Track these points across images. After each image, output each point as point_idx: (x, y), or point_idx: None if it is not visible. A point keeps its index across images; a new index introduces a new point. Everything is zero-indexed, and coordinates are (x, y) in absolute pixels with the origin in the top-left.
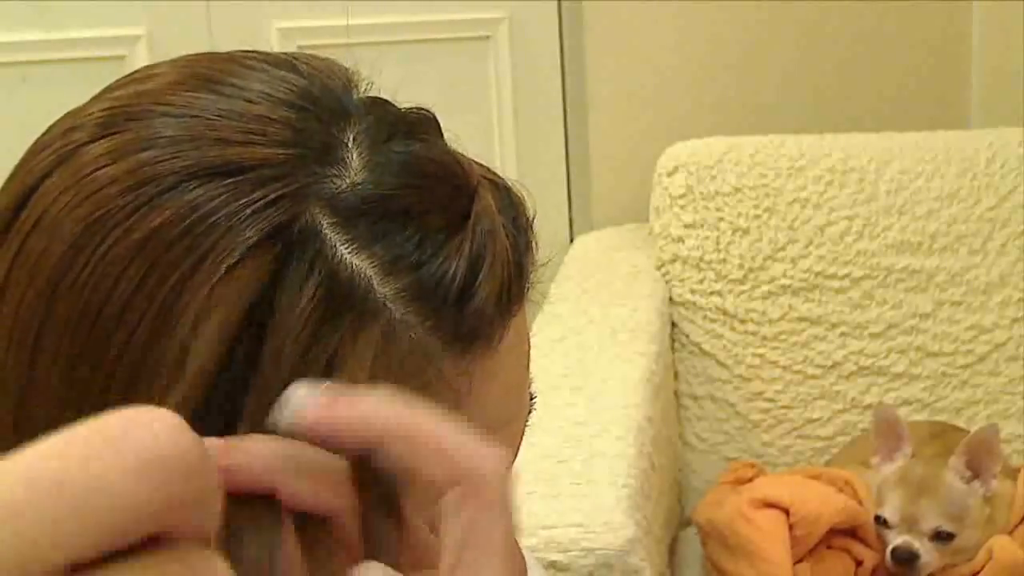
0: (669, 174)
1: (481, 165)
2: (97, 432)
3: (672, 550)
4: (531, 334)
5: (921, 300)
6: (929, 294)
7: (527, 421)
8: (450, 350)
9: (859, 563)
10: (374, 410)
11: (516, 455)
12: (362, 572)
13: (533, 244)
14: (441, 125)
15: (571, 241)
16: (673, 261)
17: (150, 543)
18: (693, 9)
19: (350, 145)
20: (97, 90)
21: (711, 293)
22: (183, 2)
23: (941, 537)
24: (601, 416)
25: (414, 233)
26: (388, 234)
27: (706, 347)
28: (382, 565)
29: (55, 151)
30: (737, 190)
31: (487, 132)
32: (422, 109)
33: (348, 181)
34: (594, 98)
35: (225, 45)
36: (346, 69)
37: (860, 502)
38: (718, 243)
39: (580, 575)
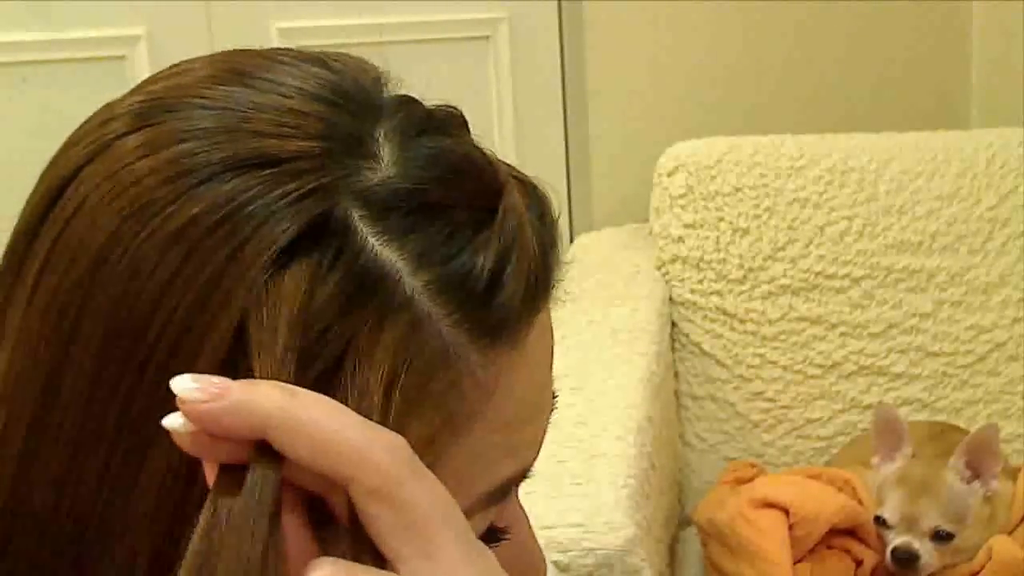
0: (669, 174)
1: (507, 164)
2: None
3: (672, 550)
4: None
5: (921, 300)
6: (929, 294)
7: (550, 418)
8: (477, 344)
9: (859, 563)
10: (253, 399)
11: (539, 452)
12: (311, 570)
13: (559, 241)
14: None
15: (571, 241)
16: (673, 261)
17: None
18: (693, 9)
19: (381, 140)
20: (97, 90)
21: (711, 293)
22: (183, 2)
23: (941, 537)
24: (601, 416)
25: (443, 227)
26: (417, 228)
27: (706, 347)
28: (332, 559)
29: (92, 142)
30: (737, 190)
31: (487, 132)
32: (450, 106)
33: (379, 175)
34: (594, 98)
35: (225, 45)
36: (376, 67)
37: (860, 502)
38: (718, 243)
39: (580, 575)
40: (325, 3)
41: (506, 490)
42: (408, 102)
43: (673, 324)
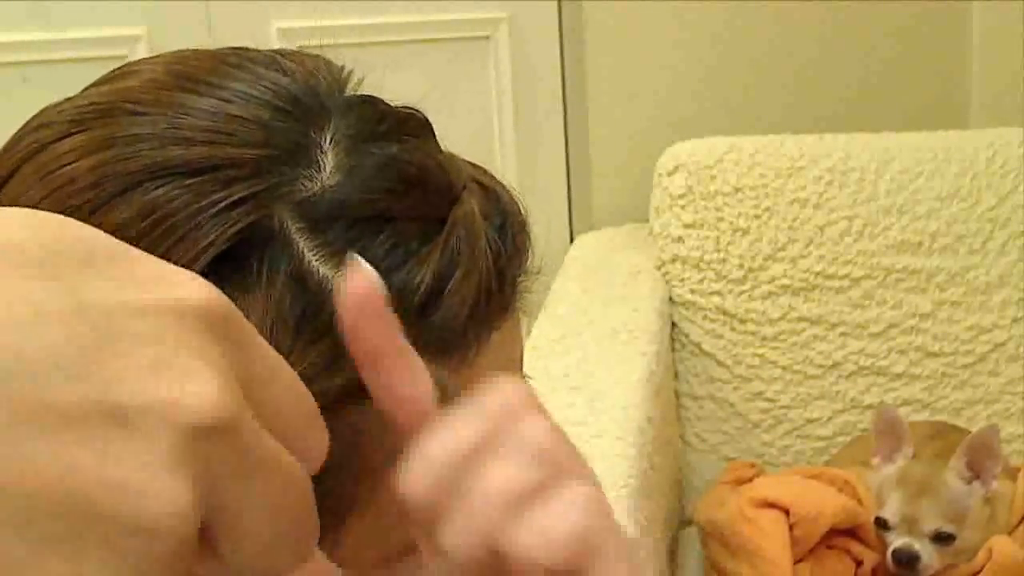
0: (669, 174)
1: (476, 167)
2: None
3: (672, 550)
4: (531, 334)
5: (921, 300)
6: (929, 294)
7: None
8: None
9: (859, 563)
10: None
11: None
12: None
13: (525, 252)
14: (432, 125)
15: (571, 241)
16: (673, 261)
17: None
18: (693, 9)
19: (326, 146)
20: None
21: (711, 293)
22: (183, 2)
23: (942, 538)
24: (601, 416)
25: (387, 240)
26: (360, 240)
27: (706, 347)
28: None
29: (27, 146)
30: (737, 190)
31: (487, 132)
32: (411, 109)
33: (320, 184)
34: (594, 98)
35: (225, 45)
36: (337, 67)
37: (860, 502)
38: (718, 243)
39: None
40: (325, 3)
41: None
42: (363, 104)
43: (673, 324)
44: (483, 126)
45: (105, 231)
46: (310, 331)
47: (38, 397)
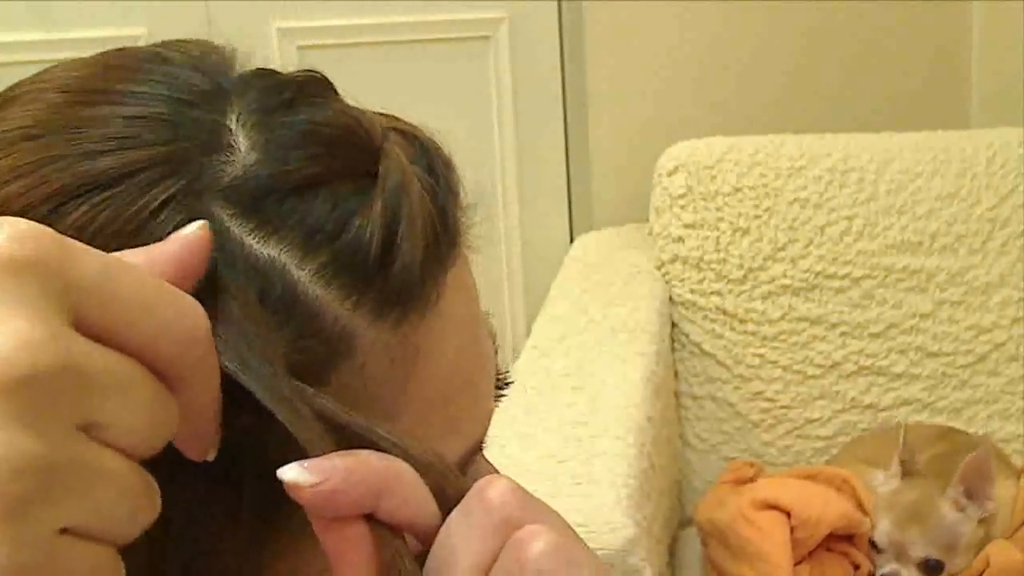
0: (669, 174)
1: (388, 116)
2: None
3: (672, 550)
4: (531, 334)
5: (921, 300)
6: (929, 294)
7: (492, 381)
8: (385, 321)
9: (856, 567)
10: (364, 472)
11: (488, 423)
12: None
13: (457, 188)
14: (333, 84)
15: (571, 241)
16: (673, 261)
17: None
18: (693, 9)
19: (234, 127)
20: None
21: (711, 293)
22: (183, 2)
23: (930, 566)
24: (601, 416)
25: (323, 203)
26: (297, 211)
27: (706, 347)
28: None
29: None
30: (737, 190)
31: (487, 132)
32: (309, 71)
33: (240, 165)
34: (594, 98)
35: (223, 45)
36: (221, 48)
37: (860, 502)
38: (718, 243)
39: None
40: (325, 3)
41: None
42: (259, 77)
43: (673, 324)
44: (483, 126)
45: None
46: (271, 314)
47: None
